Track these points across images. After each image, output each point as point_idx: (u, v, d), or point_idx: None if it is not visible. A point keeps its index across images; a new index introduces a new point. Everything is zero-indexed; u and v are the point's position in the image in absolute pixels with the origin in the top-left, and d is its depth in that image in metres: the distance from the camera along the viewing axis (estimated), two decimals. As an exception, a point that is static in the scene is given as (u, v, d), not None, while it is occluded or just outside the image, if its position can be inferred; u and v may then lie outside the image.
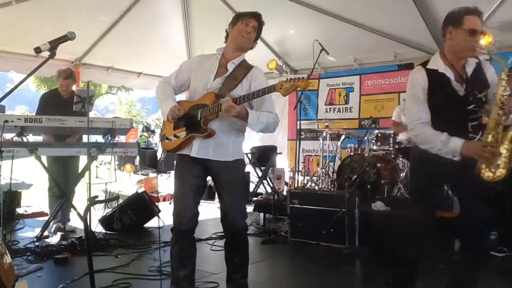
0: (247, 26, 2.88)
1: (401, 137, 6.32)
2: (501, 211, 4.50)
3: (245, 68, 2.94)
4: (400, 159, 6.11)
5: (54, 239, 4.81)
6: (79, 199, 5.55)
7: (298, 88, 2.64)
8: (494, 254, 4.44)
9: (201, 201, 3.00)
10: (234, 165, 2.92)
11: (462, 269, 2.94)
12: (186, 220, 2.84)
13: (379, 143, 6.22)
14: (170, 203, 8.06)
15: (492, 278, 3.73)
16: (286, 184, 7.93)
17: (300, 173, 7.34)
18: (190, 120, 2.86)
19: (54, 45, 2.40)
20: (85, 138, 5.21)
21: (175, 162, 3.06)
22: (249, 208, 7.44)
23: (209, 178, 3.05)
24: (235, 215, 2.89)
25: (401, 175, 5.95)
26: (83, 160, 5.13)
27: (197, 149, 2.84)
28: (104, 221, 5.47)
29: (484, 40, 6.35)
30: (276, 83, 2.66)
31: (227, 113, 2.70)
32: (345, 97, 8.55)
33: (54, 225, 5.20)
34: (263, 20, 2.97)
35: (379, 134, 6.25)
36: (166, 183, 9.25)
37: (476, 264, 2.83)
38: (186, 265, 2.92)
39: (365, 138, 6.31)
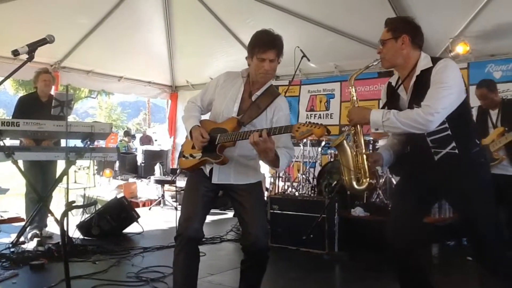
0: (263, 62, 2.64)
1: (381, 143, 6.38)
2: None
3: (270, 95, 2.79)
4: (380, 165, 6.16)
5: (31, 245, 4.73)
6: (57, 205, 5.46)
7: (312, 135, 2.42)
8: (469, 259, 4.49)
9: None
10: (256, 186, 2.86)
11: None
12: (194, 225, 2.69)
13: (359, 150, 6.27)
14: (149, 209, 8.01)
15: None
16: (267, 189, 7.93)
17: (280, 178, 7.35)
18: (208, 142, 2.75)
19: (32, 48, 2.37)
20: (63, 143, 5.12)
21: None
22: (230, 214, 7.45)
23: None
24: (258, 233, 2.74)
25: (380, 181, 6.00)
26: (61, 165, 5.05)
27: (217, 175, 2.77)
28: (82, 226, 5.39)
29: (462, 49, 6.50)
30: (293, 125, 2.47)
31: (255, 146, 2.49)
32: (326, 104, 8.60)
33: (31, 231, 5.10)
34: (279, 38, 2.69)
35: (359, 141, 6.30)
36: (145, 189, 9.17)
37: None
38: (190, 282, 2.79)
39: (346, 144, 6.35)
